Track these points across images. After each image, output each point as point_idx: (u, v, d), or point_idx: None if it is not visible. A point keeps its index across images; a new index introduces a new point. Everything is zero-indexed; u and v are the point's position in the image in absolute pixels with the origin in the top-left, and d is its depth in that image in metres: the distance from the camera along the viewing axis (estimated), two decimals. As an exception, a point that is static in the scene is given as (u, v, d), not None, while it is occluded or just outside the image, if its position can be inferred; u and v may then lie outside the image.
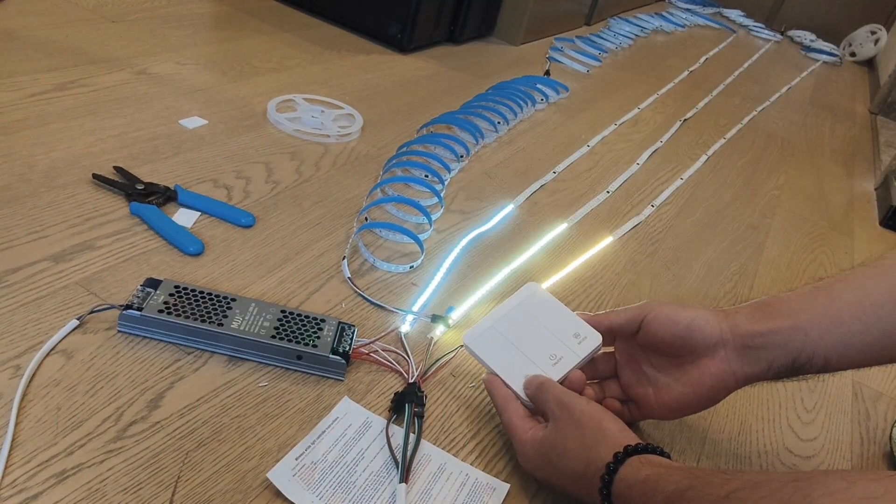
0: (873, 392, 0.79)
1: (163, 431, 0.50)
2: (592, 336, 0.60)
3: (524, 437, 0.53)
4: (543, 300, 0.63)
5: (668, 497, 0.42)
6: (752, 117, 1.68)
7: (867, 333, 0.52)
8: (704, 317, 0.55)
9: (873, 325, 0.51)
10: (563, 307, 0.62)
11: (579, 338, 0.60)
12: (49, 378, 0.51)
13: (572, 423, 0.50)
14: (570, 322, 0.61)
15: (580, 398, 0.53)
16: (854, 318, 0.52)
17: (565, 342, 0.59)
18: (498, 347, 0.59)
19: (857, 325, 0.52)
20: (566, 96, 1.44)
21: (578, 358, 0.58)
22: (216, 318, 0.57)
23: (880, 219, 1.30)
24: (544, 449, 0.51)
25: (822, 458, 0.66)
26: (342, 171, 0.91)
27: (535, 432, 0.52)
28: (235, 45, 1.21)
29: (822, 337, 0.52)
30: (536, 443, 0.52)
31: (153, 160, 0.81)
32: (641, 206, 1.06)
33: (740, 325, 0.54)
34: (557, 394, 0.53)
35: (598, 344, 0.59)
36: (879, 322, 0.51)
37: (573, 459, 0.49)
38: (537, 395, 0.55)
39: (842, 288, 0.53)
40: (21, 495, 0.43)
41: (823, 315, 0.52)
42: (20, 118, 0.82)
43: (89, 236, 0.66)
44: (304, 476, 0.50)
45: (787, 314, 0.53)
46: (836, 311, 0.52)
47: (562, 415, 0.51)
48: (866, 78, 2.67)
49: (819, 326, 0.52)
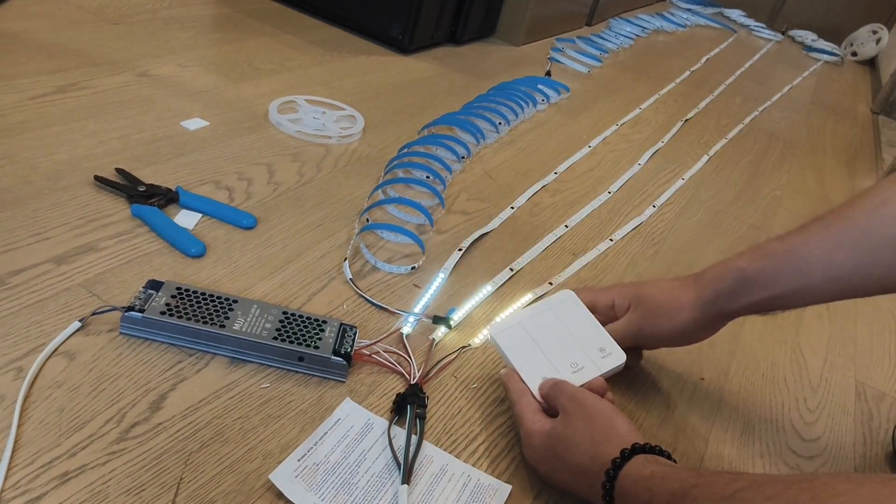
0: (876, 392, 0.79)
1: (165, 433, 0.50)
2: (617, 354, 0.61)
3: (532, 428, 0.53)
4: (576, 309, 0.64)
5: (673, 494, 0.42)
6: (754, 117, 1.68)
7: (830, 291, 0.58)
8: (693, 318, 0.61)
9: (837, 285, 0.57)
10: (593, 319, 0.63)
11: (604, 352, 0.61)
12: (51, 380, 0.52)
13: (583, 416, 0.51)
14: (597, 335, 0.62)
15: (593, 395, 0.54)
16: (822, 281, 0.57)
17: (589, 354, 0.60)
18: (522, 345, 0.59)
19: (824, 287, 0.58)
20: (567, 97, 1.44)
21: (599, 372, 0.59)
22: (218, 320, 0.58)
23: (882, 218, 1.29)
24: (552, 441, 0.51)
25: (825, 459, 0.66)
26: (344, 173, 0.91)
27: (544, 424, 0.53)
28: (237, 46, 1.22)
29: (793, 296, 0.59)
30: (544, 434, 0.52)
31: (155, 162, 0.81)
32: (643, 207, 1.06)
33: (724, 307, 0.61)
34: (571, 390, 0.54)
35: (621, 363, 0.61)
36: (842, 283, 0.57)
37: (580, 453, 0.49)
38: (550, 393, 0.56)
39: (810, 251, 0.58)
40: (24, 497, 0.43)
41: (794, 282, 0.58)
42: (22, 120, 0.82)
43: (91, 238, 0.66)
44: (306, 478, 0.50)
45: (763, 285, 0.59)
46: (806, 276, 0.57)
47: (573, 408, 0.52)
48: (868, 77, 2.66)
49: (790, 290, 0.58)
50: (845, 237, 0.56)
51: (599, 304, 0.66)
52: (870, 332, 0.91)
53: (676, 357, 0.73)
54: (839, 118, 1.95)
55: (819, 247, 0.57)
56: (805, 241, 0.58)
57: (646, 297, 0.64)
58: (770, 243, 0.60)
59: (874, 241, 0.55)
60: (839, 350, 0.85)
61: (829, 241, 0.57)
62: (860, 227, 0.56)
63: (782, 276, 0.58)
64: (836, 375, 0.80)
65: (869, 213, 0.56)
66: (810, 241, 0.58)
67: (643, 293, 0.64)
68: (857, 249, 0.56)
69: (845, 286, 0.57)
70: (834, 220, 0.58)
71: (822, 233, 0.58)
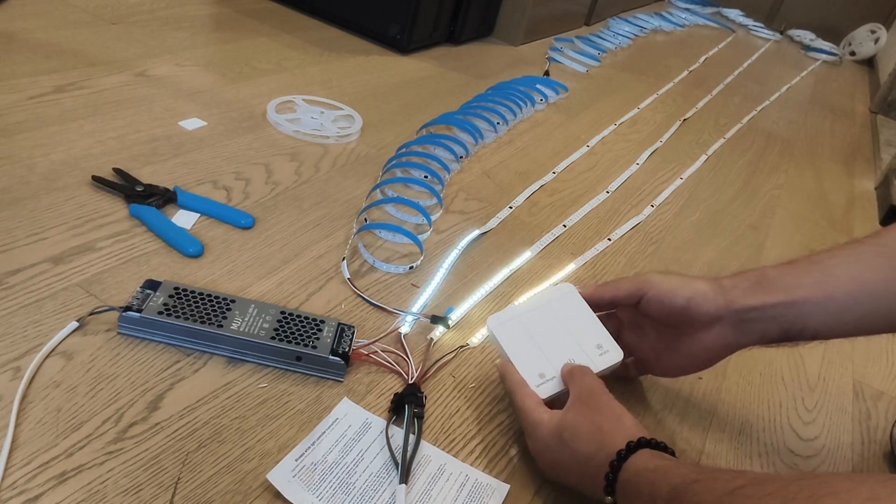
0: (874, 391, 0.79)
1: (163, 433, 0.50)
2: (615, 351, 0.61)
3: (538, 418, 0.53)
4: (575, 304, 0.63)
5: (675, 488, 0.43)
6: (752, 117, 1.68)
7: (857, 309, 0.55)
8: (703, 293, 0.58)
9: (864, 303, 0.55)
10: (592, 315, 0.62)
11: (601, 349, 0.60)
12: (49, 380, 0.52)
13: (594, 407, 0.52)
14: (596, 332, 0.61)
15: (608, 393, 0.54)
16: (846, 294, 0.55)
17: (586, 350, 0.60)
18: (519, 339, 0.59)
19: (849, 302, 0.55)
20: (565, 96, 1.44)
21: (597, 369, 0.59)
22: (216, 320, 0.58)
23: (880, 218, 1.30)
24: (560, 429, 0.52)
25: (823, 458, 0.66)
26: (342, 173, 0.91)
27: (552, 415, 0.53)
28: (235, 46, 1.21)
29: (815, 311, 0.55)
30: (552, 424, 0.52)
31: (153, 162, 0.81)
32: (641, 206, 1.06)
33: (737, 301, 0.57)
34: (591, 380, 0.55)
35: (619, 360, 0.60)
36: (869, 299, 0.54)
37: (586, 443, 0.50)
38: (573, 375, 0.56)
39: (837, 264, 0.56)
40: (21, 497, 0.43)
41: (817, 290, 0.55)
42: (20, 120, 0.82)
43: (89, 238, 0.66)
44: (303, 477, 0.50)
45: (782, 289, 0.56)
46: (829, 287, 0.55)
47: (587, 398, 0.53)
48: (866, 77, 2.66)
49: (812, 301, 0.55)
50: (875, 254, 0.56)
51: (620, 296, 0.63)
52: (868, 331, 0.91)
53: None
54: (837, 118, 1.95)
55: (847, 261, 0.56)
56: (834, 255, 0.57)
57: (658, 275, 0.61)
58: (800, 256, 0.59)
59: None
60: (836, 349, 0.85)
61: (858, 256, 0.56)
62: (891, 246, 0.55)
63: (804, 283, 0.56)
64: (834, 374, 0.80)
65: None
66: (837, 255, 0.57)
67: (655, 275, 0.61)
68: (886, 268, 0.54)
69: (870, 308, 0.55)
70: (867, 238, 0.57)
71: (850, 248, 0.57)
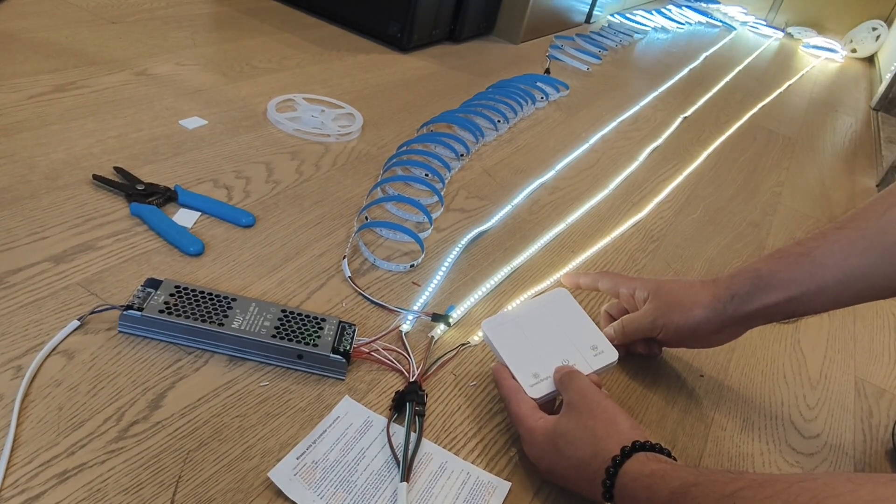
0: (876, 389, 0.79)
1: (164, 431, 0.50)
2: (609, 352, 0.61)
3: (533, 425, 0.53)
4: (569, 308, 0.64)
5: (673, 492, 0.42)
6: (753, 114, 1.68)
7: (847, 293, 0.59)
8: (706, 317, 0.62)
9: (853, 286, 0.58)
10: (587, 318, 0.64)
11: (596, 350, 0.61)
12: (50, 378, 0.52)
13: (587, 412, 0.51)
14: (590, 333, 0.62)
15: (601, 393, 0.54)
16: (838, 282, 0.58)
17: (581, 352, 0.60)
18: (514, 341, 0.60)
19: (839, 288, 0.59)
20: (566, 94, 1.44)
21: (591, 370, 0.59)
22: (217, 318, 0.57)
23: (882, 215, 1.29)
24: (554, 436, 0.52)
25: (825, 456, 0.66)
26: (342, 171, 0.91)
27: (546, 421, 0.53)
28: (235, 45, 1.21)
29: (809, 300, 0.59)
30: (547, 430, 0.52)
31: (153, 161, 0.81)
32: (642, 204, 1.06)
33: (739, 310, 0.61)
34: (583, 384, 0.55)
35: (614, 361, 0.61)
36: (858, 283, 0.58)
37: (581, 448, 0.50)
38: (564, 381, 0.56)
39: (824, 254, 0.59)
40: (23, 496, 0.43)
41: (810, 283, 0.59)
42: (20, 119, 0.82)
43: (90, 237, 0.66)
44: (305, 475, 0.50)
45: (778, 287, 0.60)
46: (820, 277, 0.59)
47: (580, 403, 0.52)
48: (867, 74, 2.66)
49: (807, 294, 0.59)
50: (858, 238, 0.58)
51: (622, 291, 0.68)
52: (869, 328, 0.91)
53: (676, 353, 0.73)
54: (838, 115, 1.95)
55: (833, 248, 0.59)
56: (820, 244, 0.59)
57: (664, 291, 0.65)
58: (787, 247, 0.61)
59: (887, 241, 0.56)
60: (838, 347, 0.85)
61: (843, 243, 0.58)
62: (872, 229, 0.57)
63: (797, 278, 0.59)
64: (836, 372, 0.80)
65: (881, 214, 0.57)
66: (825, 243, 0.59)
67: (663, 287, 0.66)
68: (869, 250, 0.57)
69: (861, 287, 0.58)
70: (847, 222, 0.59)
71: (835, 235, 0.59)
